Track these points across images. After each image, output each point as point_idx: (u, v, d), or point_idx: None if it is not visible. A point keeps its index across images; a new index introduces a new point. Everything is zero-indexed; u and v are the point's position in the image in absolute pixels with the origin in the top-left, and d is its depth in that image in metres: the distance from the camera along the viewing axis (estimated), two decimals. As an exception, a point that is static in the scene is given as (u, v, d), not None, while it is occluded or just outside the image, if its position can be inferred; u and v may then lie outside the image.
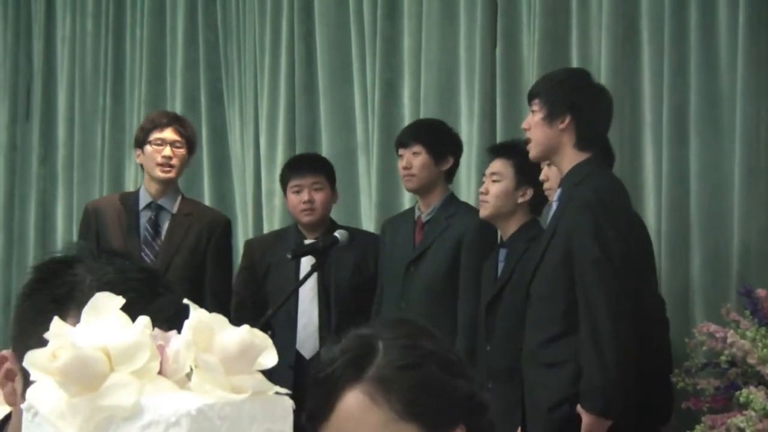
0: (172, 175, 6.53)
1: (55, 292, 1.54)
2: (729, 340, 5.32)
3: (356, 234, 6.57)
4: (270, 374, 4.57)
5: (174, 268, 6.34)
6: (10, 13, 8.91)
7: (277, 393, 1.50)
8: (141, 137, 6.53)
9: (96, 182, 8.43)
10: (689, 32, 6.39)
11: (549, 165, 5.59)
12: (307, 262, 6.19)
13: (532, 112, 5.47)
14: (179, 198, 6.67)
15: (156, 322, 1.49)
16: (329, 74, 7.66)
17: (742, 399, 5.15)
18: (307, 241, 6.43)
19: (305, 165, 6.73)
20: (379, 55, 7.44)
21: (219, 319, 1.47)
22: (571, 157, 5.36)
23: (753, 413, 5.09)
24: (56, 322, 1.47)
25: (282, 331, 6.07)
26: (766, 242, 6.09)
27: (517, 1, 7.03)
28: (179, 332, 1.47)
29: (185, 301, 1.49)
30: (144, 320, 1.46)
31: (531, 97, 5.55)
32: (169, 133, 6.47)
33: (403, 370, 2.17)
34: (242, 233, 7.61)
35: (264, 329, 5.47)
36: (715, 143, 6.29)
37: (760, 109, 6.17)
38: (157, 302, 1.60)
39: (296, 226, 6.67)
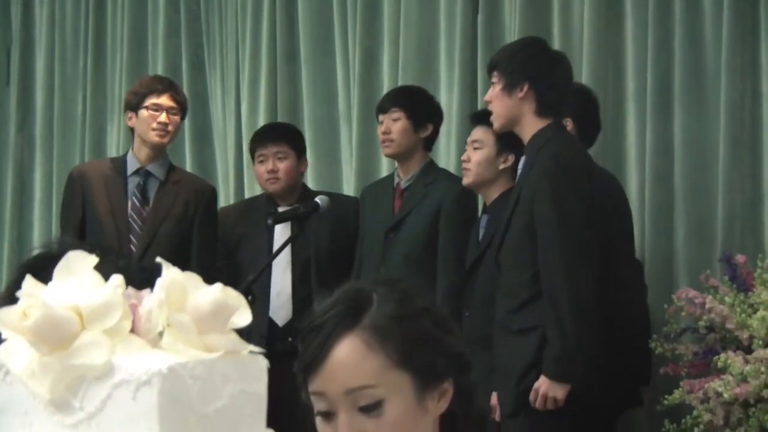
0: (166, 140, 6.55)
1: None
2: (707, 306, 5.34)
3: (335, 198, 6.56)
4: (246, 339, 4.56)
5: (161, 236, 6.36)
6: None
7: (251, 352, 1.50)
8: (135, 101, 6.52)
9: (77, 149, 8.41)
10: (674, 3, 6.39)
11: None
12: (280, 231, 6.21)
13: (492, 84, 5.53)
14: (168, 165, 6.67)
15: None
16: (311, 43, 7.65)
17: (720, 364, 5.17)
18: (281, 209, 6.42)
19: (268, 135, 6.72)
20: (359, 23, 7.42)
21: (192, 279, 1.47)
22: (532, 125, 5.41)
23: (731, 378, 5.11)
24: (28, 281, 1.47)
25: (258, 299, 6.06)
26: (749, 212, 6.12)
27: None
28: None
29: (158, 259, 1.49)
30: (117, 279, 1.46)
31: (490, 69, 5.62)
32: (165, 100, 6.47)
33: (398, 321, 2.19)
34: (224, 201, 7.56)
35: (245, 295, 5.51)
36: (700, 114, 6.30)
37: (745, 80, 6.17)
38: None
39: (267, 195, 6.66)
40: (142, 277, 1.89)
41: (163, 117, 6.43)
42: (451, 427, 2.25)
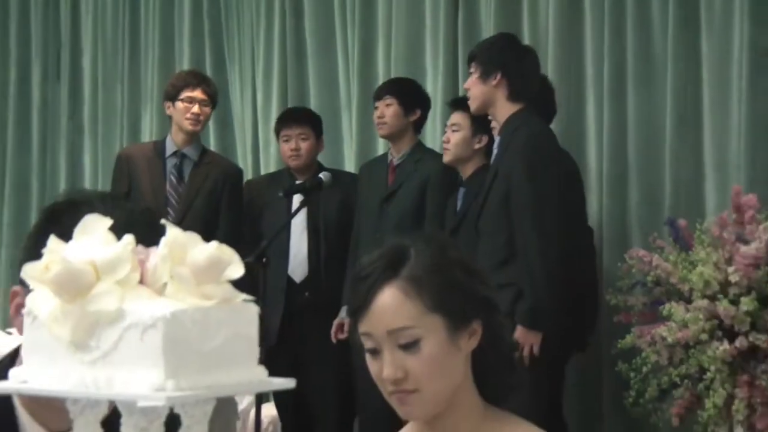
0: (198, 128, 6.63)
1: (63, 232, 1.53)
2: (654, 263, 5.36)
3: (341, 175, 6.62)
4: (265, 295, 4.62)
5: (193, 209, 6.43)
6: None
7: (244, 300, 1.49)
8: (172, 93, 6.57)
9: (117, 134, 8.42)
10: (626, 8, 6.38)
11: None
12: (297, 201, 6.21)
13: (470, 72, 5.61)
14: (201, 148, 6.68)
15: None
16: (316, 41, 7.65)
17: (665, 312, 5.20)
18: (297, 182, 6.43)
19: (293, 118, 6.76)
20: (357, 23, 7.42)
21: (192, 237, 1.46)
22: (505, 109, 5.46)
23: (674, 324, 5.14)
24: (52, 240, 1.47)
25: (276, 261, 6.09)
26: (693, 181, 6.12)
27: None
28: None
29: (162, 221, 1.49)
30: (127, 238, 1.46)
31: (469, 60, 5.73)
32: (198, 93, 6.53)
33: (432, 272, 2.20)
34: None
35: (259, 258, 5.52)
36: (649, 96, 6.31)
37: (688, 65, 6.17)
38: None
39: (288, 169, 6.67)
40: (146, 218, 1.88)
41: (195, 108, 6.51)
42: (481, 361, 2.26)
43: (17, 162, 8.83)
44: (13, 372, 1.49)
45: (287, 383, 1.55)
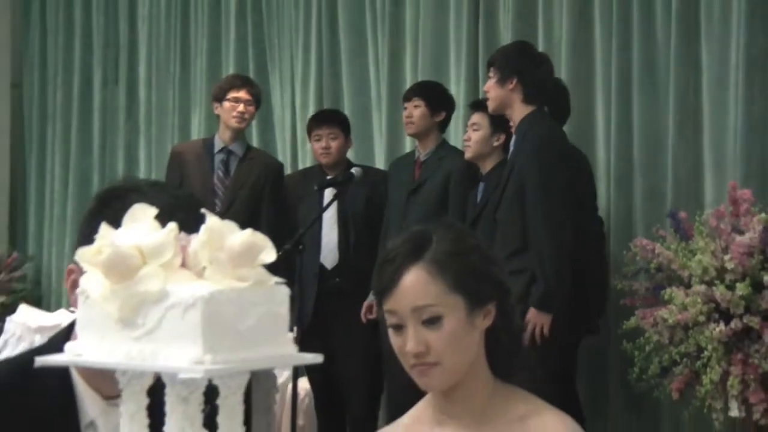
0: (244, 126, 6.65)
1: (114, 215, 1.54)
2: (657, 252, 5.35)
3: (370, 171, 6.62)
4: (301, 280, 4.60)
5: (238, 200, 6.44)
6: (101, 7, 8.90)
7: (276, 283, 1.50)
8: (220, 94, 6.60)
9: (169, 133, 8.47)
10: (632, 12, 6.36)
11: None
12: (328, 195, 6.21)
13: (489, 77, 5.60)
14: (246, 145, 6.70)
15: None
16: (349, 49, 7.66)
17: (666, 296, 5.20)
18: (329, 177, 6.44)
19: (323, 119, 6.76)
20: (387, 32, 7.44)
21: (229, 225, 1.47)
22: (520, 110, 5.46)
23: (674, 307, 5.14)
24: (103, 227, 1.48)
25: (309, 249, 6.10)
26: (692, 177, 6.08)
27: (496, -11, 7.04)
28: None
29: (202, 210, 1.50)
30: (171, 226, 1.47)
31: (488, 65, 5.71)
32: (243, 93, 6.55)
33: (453, 256, 2.22)
34: (281, 173, 7.64)
35: (296, 246, 5.53)
36: (653, 100, 6.28)
37: (689, 72, 6.15)
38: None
39: (319, 166, 6.68)
40: (189, 202, 1.89)
41: (241, 107, 6.53)
42: (493, 339, 2.27)
43: (80, 159, 8.89)
44: (68, 346, 1.50)
45: (315, 358, 1.55)
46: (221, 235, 1.45)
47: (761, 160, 5.85)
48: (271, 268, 1.49)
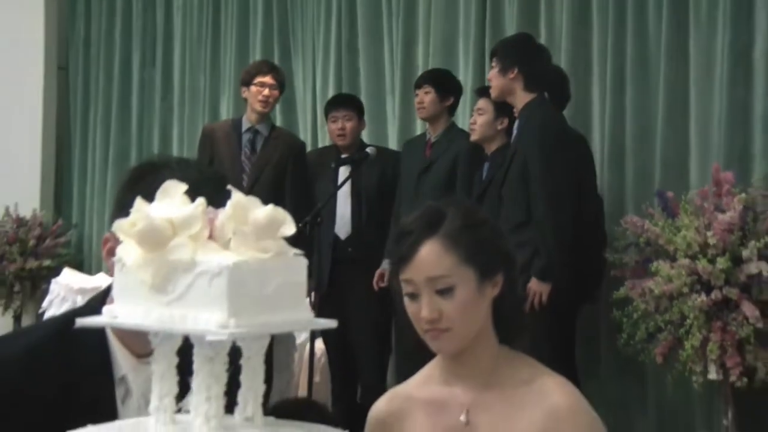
0: (268, 109, 6.60)
1: (147, 189, 1.55)
2: (645, 228, 5.36)
3: (383, 151, 6.60)
4: (320, 249, 4.61)
5: (264, 176, 6.42)
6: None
7: (295, 254, 1.51)
8: (247, 78, 6.57)
9: (200, 113, 8.46)
10: (627, 8, 6.35)
11: None
12: (343, 172, 6.24)
13: (492, 66, 5.58)
14: (271, 125, 6.69)
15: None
16: (366, 37, 7.64)
17: (653, 269, 5.20)
18: (344, 156, 6.44)
19: (338, 102, 6.76)
20: (401, 24, 7.41)
21: (253, 200, 1.48)
22: (522, 97, 5.44)
23: (660, 279, 5.15)
24: (138, 201, 1.48)
25: (325, 221, 6.10)
26: (678, 161, 6.06)
27: (502, -15, 7.02)
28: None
29: (228, 186, 1.51)
30: (199, 200, 1.47)
31: (492, 56, 5.69)
32: (268, 79, 6.50)
33: (465, 230, 2.21)
34: (303, 151, 7.64)
35: (315, 218, 5.53)
36: (644, 89, 6.26)
37: (678, 64, 6.13)
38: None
39: (335, 145, 6.68)
40: (215, 178, 1.89)
41: (266, 92, 6.49)
42: (499, 308, 2.27)
43: (119, 136, 8.90)
44: (106, 308, 1.51)
45: (329, 323, 1.56)
46: (246, 209, 1.46)
47: (742, 145, 5.84)
48: (293, 237, 1.49)
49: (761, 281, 5.00)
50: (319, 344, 6.61)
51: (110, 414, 1.94)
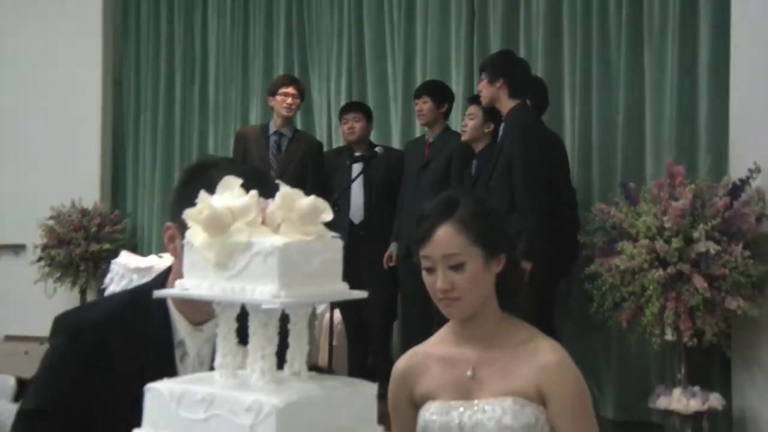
0: (291, 114, 6.58)
1: (201, 184, 1.56)
2: (612, 214, 5.35)
3: (389, 150, 6.60)
4: (337, 232, 4.57)
5: (289, 171, 6.38)
6: (181, 17, 8.89)
7: (333, 236, 1.52)
8: (272, 89, 6.57)
9: (232, 120, 8.44)
10: (592, 27, 6.36)
11: None
12: (356, 167, 6.23)
13: (481, 78, 5.55)
14: (294, 129, 6.68)
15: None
16: (372, 55, 7.62)
17: (618, 248, 5.20)
18: (357, 154, 6.44)
19: (349, 107, 6.77)
20: (402, 42, 7.41)
21: (298, 192, 1.49)
22: (507, 103, 5.41)
23: (624, 256, 5.15)
24: (202, 194, 1.50)
25: (341, 208, 6.11)
26: (638, 156, 6.07)
27: (486, 11, 6.98)
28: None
29: (277, 181, 1.52)
30: (253, 193, 1.48)
31: (481, 70, 5.65)
32: (291, 89, 6.49)
33: (475, 216, 2.22)
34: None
35: (333, 206, 5.54)
36: (608, 96, 6.27)
37: (635, 74, 6.14)
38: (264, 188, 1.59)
39: (348, 146, 6.67)
40: (257, 176, 1.90)
41: (289, 100, 6.48)
42: (502, 281, 2.29)
43: (165, 140, 8.87)
44: (177, 282, 1.51)
45: (361, 294, 1.57)
46: (292, 200, 1.47)
47: (690, 143, 5.85)
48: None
49: (708, 258, 4.99)
50: (336, 314, 6.62)
51: (170, 371, 1.95)
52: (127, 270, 7.07)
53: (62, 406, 1.96)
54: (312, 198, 1.48)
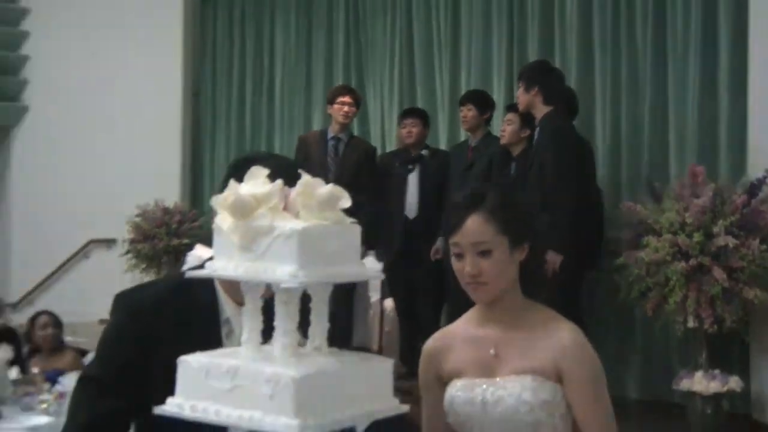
0: (348, 122, 6.55)
1: (242, 176, 1.54)
2: (638, 210, 5.26)
3: (439, 152, 6.59)
4: (392, 227, 4.60)
5: (345, 173, 6.35)
6: (251, 37, 8.95)
7: (351, 222, 1.48)
8: (331, 98, 6.57)
9: (296, 127, 8.47)
10: (621, 39, 6.30)
11: None
12: (411, 168, 6.24)
13: (519, 86, 5.49)
14: (350, 134, 6.66)
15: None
16: (421, 66, 7.59)
17: (644, 242, 5.12)
18: (412, 155, 6.45)
19: (409, 112, 6.69)
20: (449, 55, 7.38)
21: (317, 181, 1.46)
22: (542, 109, 5.35)
23: (649, 250, 5.07)
24: (231, 182, 1.47)
25: (398, 205, 6.09)
26: (662, 160, 6.00)
27: (524, 27, 6.92)
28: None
29: (300, 170, 1.49)
30: (278, 182, 1.45)
31: (518, 79, 5.59)
32: (347, 98, 6.48)
33: (503, 207, 2.17)
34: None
35: (386, 203, 5.49)
36: (635, 105, 6.20)
37: (660, 83, 6.07)
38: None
39: (405, 148, 6.62)
40: (292, 168, 1.86)
41: (346, 108, 6.47)
42: (525, 268, 2.23)
43: (237, 145, 8.95)
44: (207, 264, 1.50)
45: (378, 275, 1.53)
46: (312, 188, 1.44)
47: (711, 145, 5.78)
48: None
49: (727, 251, 4.92)
50: (389, 302, 6.61)
51: (217, 347, 1.94)
52: (200, 261, 7.10)
53: (118, 376, 1.97)
54: (330, 186, 1.44)
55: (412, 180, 6.29)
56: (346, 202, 1.45)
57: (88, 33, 9.27)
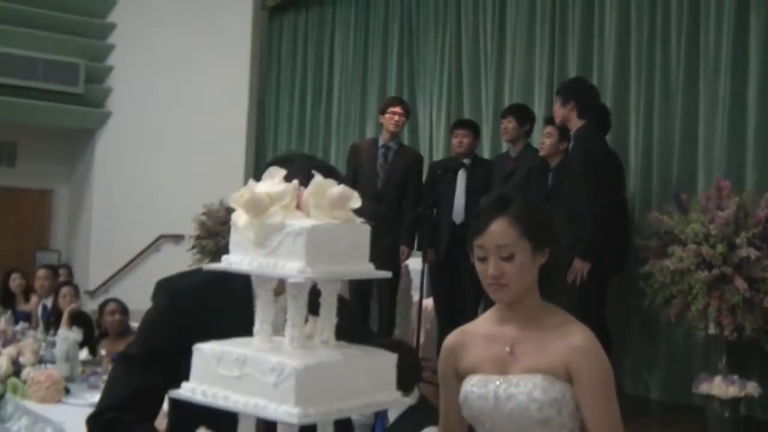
0: (398, 131, 6.49)
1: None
2: (665, 221, 5.14)
3: (484, 161, 6.55)
4: (438, 232, 4.57)
5: (393, 179, 6.33)
6: (312, 51, 8.96)
7: (361, 222, 1.44)
8: (383, 108, 6.53)
9: (351, 134, 8.48)
10: (655, 59, 6.17)
11: None
12: (460, 175, 6.20)
13: (556, 101, 5.40)
14: (399, 142, 6.62)
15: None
16: (468, 82, 7.57)
17: (669, 251, 4.99)
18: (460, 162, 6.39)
19: (459, 124, 6.58)
20: (494, 71, 7.34)
21: (330, 182, 1.42)
22: (576, 123, 5.26)
23: (675, 259, 4.94)
24: (251, 181, 1.44)
25: (446, 210, 6.03)
26: (690, 174, 5.88)
27: (565, 46, 6.83)
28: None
29: (313, 171, 1.45)
30: (294, 182, 1.42)
31: (556, 94, 5.51)
32: (398, 109, 6.43)
33: (527, 213, 2.13)
34: (427, 160, 7.60)
35: (431, 207, 5.47)
36: (666, 121, 6.07)
37: (691, 100, 5.94)
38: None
39: (456, 156, 6.50)
40: (325, 169, 1.80)
41: (396, 118, 6.42)
42: (545, 272, 2.18)
43: (298, 150, 9.00)
44: (224, 257, 1.47)
45: (385, 274, 1.48)
46: (324, 188, 1.41)
47: (738, 162, 5.65)
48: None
49: (749, 262, 4.78)
50: (429, 301, 6.55)
51: (250, 335, 1.92)
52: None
53: (156, 357, 1.95)
54: (341, 186, 1.41)
55: (460, 187, 6.23)
56: (356, 202, 1.42)
57: (167, 47, 9.40)
